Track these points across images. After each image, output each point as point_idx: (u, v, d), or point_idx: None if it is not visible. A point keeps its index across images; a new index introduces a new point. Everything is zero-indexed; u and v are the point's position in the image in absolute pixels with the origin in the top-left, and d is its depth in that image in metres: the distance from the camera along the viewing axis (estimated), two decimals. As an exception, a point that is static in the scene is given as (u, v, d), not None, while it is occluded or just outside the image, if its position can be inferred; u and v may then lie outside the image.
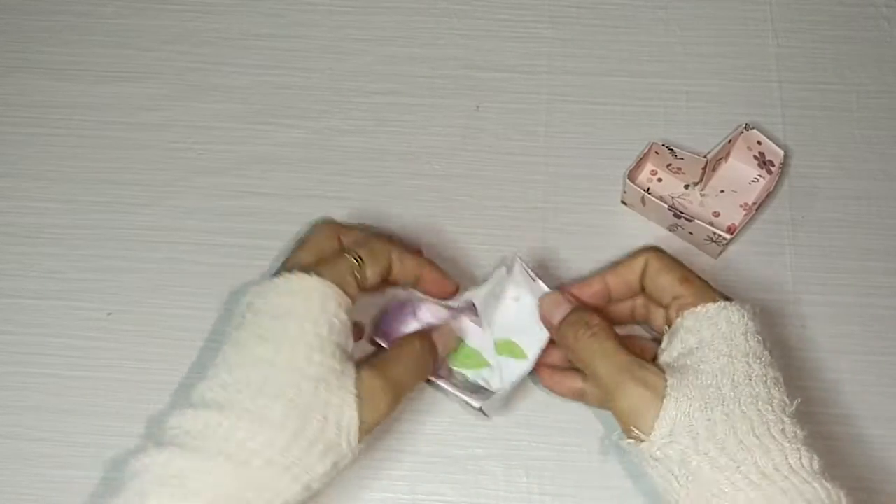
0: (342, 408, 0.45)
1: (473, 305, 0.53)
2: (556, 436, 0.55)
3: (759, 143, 0.59)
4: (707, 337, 0.47)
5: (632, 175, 0.59)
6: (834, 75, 0.65)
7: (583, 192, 0.62)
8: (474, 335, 0.55)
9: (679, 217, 0.57)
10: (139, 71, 0.66)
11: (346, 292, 0.48)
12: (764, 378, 0.46)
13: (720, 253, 0.59)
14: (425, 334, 0.52)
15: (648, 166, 0.62)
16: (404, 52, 0.66)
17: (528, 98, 0.65)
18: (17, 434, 0.55)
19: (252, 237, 0.60)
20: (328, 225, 0.54)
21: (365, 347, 0.56)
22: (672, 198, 0.61)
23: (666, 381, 0.46)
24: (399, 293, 0.56)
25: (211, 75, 0.66)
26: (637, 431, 0.45)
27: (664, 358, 0.49)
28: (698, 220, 0.56)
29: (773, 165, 0.59)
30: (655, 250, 0.52)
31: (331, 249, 0.51)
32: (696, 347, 0.47)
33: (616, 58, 0.66)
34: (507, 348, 0.54)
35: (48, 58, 0.66)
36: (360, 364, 0.48)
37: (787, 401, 0.46)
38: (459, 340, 0.55)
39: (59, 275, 0.59)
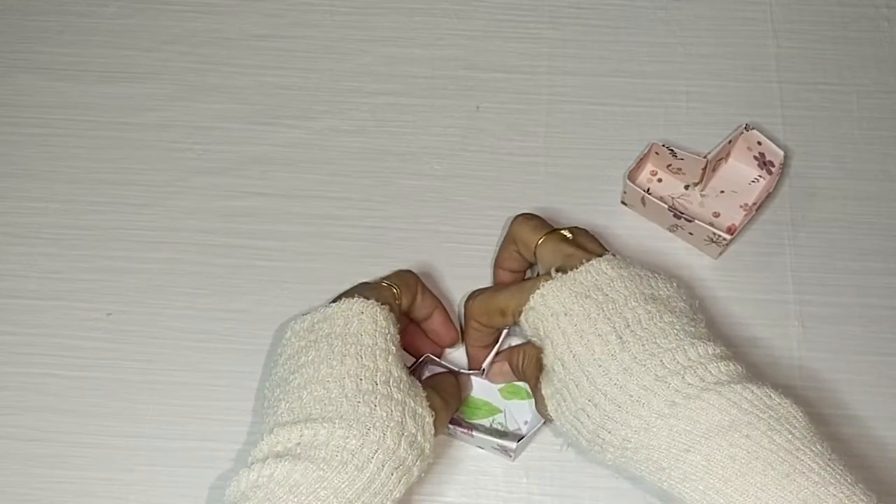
0: (424, 416, 0.47)
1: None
2: (557, 436, 0.55)
3: (759, 143, 0.59)
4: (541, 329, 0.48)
5: (632, 175, 0.59)
6: (834, 75, 0.65)
7: (583, 192, 0.62)
8: (479, 388, 0.56)
9: (679, 217, 0.57)
10: (139, 71, 0.66)
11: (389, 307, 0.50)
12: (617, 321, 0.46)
13: (720, 253, 0.59)
14: (454, 373, 0.54)
15: (648, 167, 0.62)
16: (404, 52, 0.66)
17: (528, 98, 0.65)
18: (17, 434, 0.55)
19: (252, 237, 0.60)
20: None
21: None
22: (672, 198, 0.61)
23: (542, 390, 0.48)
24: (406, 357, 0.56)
25: (211, 75, 0.66)
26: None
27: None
28: (698, 220, 0.56)
29: (773, 166, 0.59)
30: (517, 221, 0.53)
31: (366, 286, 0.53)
32: (543, 342, 0.48)
33: (616, 58, 0.66)
34: (512, 391, 0.56)
35: (48, 58, 0.66)
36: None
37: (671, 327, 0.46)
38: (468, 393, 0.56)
39: (59, 275, 0.59)
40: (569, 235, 0.51)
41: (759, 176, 0.61)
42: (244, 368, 0.57)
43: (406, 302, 0.52)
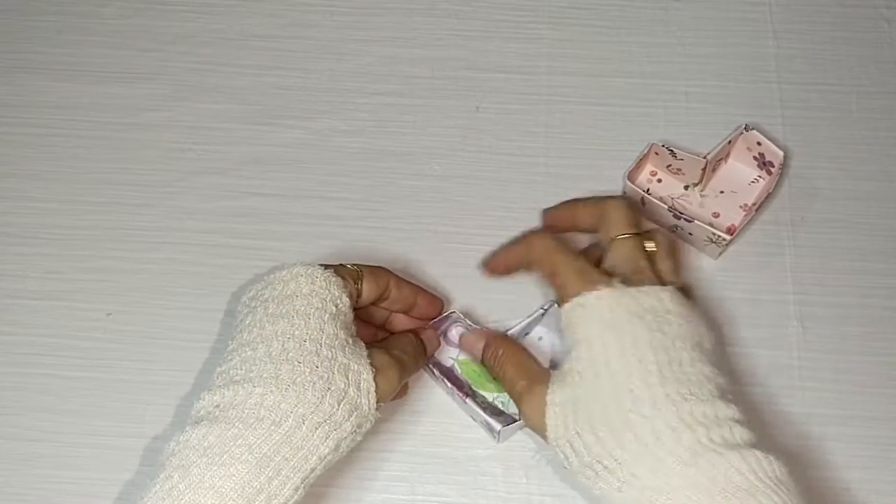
0: (360, 373, 0.46)
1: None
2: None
3: (758, 143, 0.59)
4: (582, 333, 0.47)
5: (631, 176, 0.59)
6: (834, 76, 0.65)
7: (582, 192, 0.61)
8: None
9: (679, 218, 0.57)
10: (139, 71, 0.66)
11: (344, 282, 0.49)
12: (654, 362, 0.45)
13: (720, 254, 0.59)
14: (415, 332, 0.53)
15: (648, 167, 0.62)
16: (404, 52, 0.66)
17: (528, 98, 0.65)
18: (17, 434, 0.55)
19: (252, 237, 0.60)
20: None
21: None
22: (672, 198, 0.61)
23: (546, 395, 0.47)
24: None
25: (211, 75, 0.66)
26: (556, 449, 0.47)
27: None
28: (698, 220, 0.56)
29: (773, 166, 0.59)
30: (616, 205, 0.53)
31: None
32: (574, 343, 0.47)
33: (616, 58, 0.66)
34: None
35: (48, 58, 0.66)
36: (367, 343, 0.49)
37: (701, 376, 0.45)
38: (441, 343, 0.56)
39: (59, 275, 0.59)
40: (652, 247, 0.51)
41: (759, 176, 0.61)
42: (244, 368, 0.57)
43: (369, 289, 0.50)
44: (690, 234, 0.58)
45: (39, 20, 0.68)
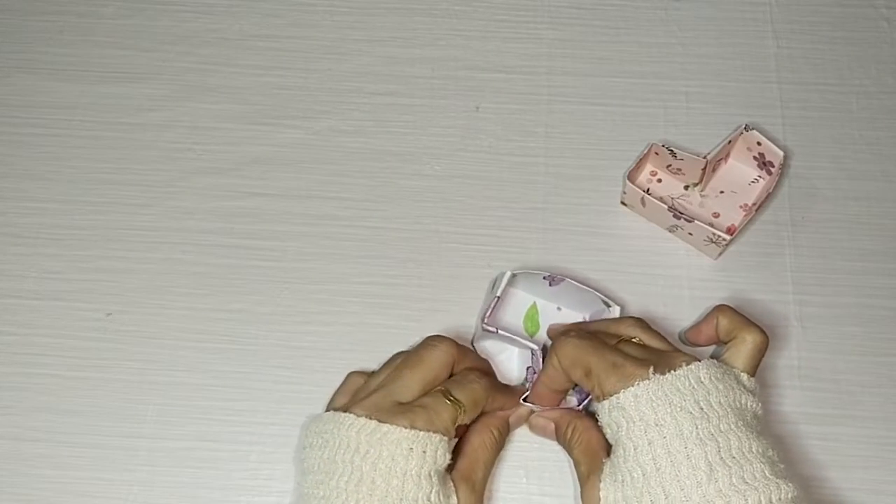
0: None
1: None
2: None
3: (758, 143, 0.59)
4: (624, 422, 0.45)
5: (631, 176, 0.59)
6: (834, 76, 0.65)
7: (583, 192, 0.62)
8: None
9: (679, 218, 0.57)
10: (139, 71, 0.66)
11: (448, 438, 0.47)
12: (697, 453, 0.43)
13: (720, 254, 0.59)
14: (502, 419, 0.52)
15: (648, 167, 0.62)
16: (404, 52, 0.66)
17: (528, 98, 0.65)
18: (16, 434, 0.55)
19: (252, 237, 0.60)
20: (449, 351, 0.50)
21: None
22: (672, 199, 0.61)
23: (600, 490, 0.46)
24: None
25: (211, 76, 0.66)
26: None
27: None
28: (698, 220, 0.56)
29: (773, 166, 0.59)
30: (723, 311, 0.51)
31: (439, 380, 0.50)
32: (618, 442, 0.46)
33: (616, 58, 0.66)
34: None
35: (48, 58, 0.66)
36: (454, 476, 0.48)
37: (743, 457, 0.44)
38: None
39: (59, 275, 0.59)
40: (636, 340, 0.50)
41: (759, 176, 0.61)
42: (244, 368, 0.57)
43: (469, 419, 0.49)
44: (690, 234, 0.58)
45: (40, 20, 0.68)
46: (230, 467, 0.54)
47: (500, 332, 0.53)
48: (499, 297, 0.55)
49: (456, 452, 0.49)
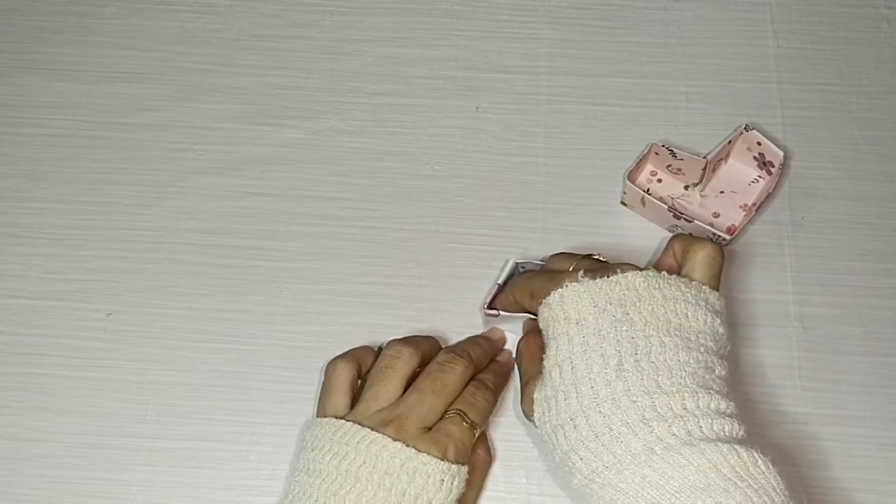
0: None
1: None
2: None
3: (758, 143, 0.59)
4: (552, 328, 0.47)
5: (631, 176, 0.59)
6: (834, 76, 0.65)
7: (582, 192, 0.62)
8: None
9: (679, 218, 0.57)
10: (139, 71, 0.66)
11: (466, 463, 0.49)
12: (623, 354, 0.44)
13: (720, 253, 0.59)
14: (484, 439, 0.53)
15: (648, 167, 0.62)
16: (404, 52, 0.66)
17: (528, 99, 0.65)
18: (16, 434, 0.55)
19: (252, 237, 0.60)
20: (465, 374, 0.51)
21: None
22: (672, 199, 0.61)
23: (534, 392, 0.47)
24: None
25: (211, 76, 0.66)
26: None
27: None
28: (698, 220, 0.56)
29: (773, 166, 0.59)
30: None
31: (455, 394, 0.50)
32: (547, 342, 0.47)
33: (616, 58, 0.66)
34: None
35: (48, 58, 0.66)
36: None
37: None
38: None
39: (59, 275, 0.59)
40: (602, 259, 0.51)
41: (759, 176, 0.61)
42: (244, 368, 0.57)
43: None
44: (690, 234, 0.58)
45: (40, 20, 0.68)
46: (230, 467, 0.54)
47: (501, 313, 0.54)
48: (500, 285, 0.55)
49: None
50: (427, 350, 0.52)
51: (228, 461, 0.54)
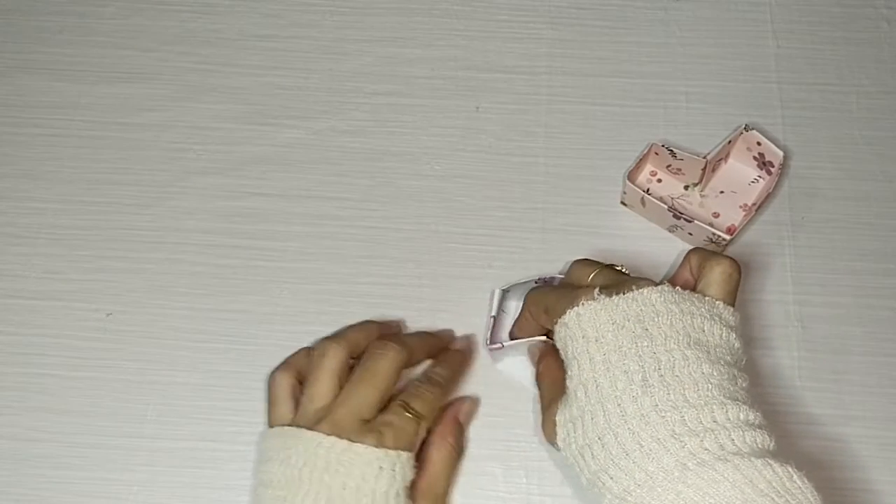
0: None
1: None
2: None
3: (758, 143, 0.59)
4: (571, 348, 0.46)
5: (631, 176, 0.59)
6: (833, 76, 0.65)
7: (582, 192, 0.62)
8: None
9: (679, 218, 0.57)
10: (139, 71, 0.66)
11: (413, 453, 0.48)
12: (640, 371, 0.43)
13: (720, 253, 0.59)
14: (455, 426, 0.53)
15: (648, 167, 0.62)
16: (404, 52, 0.66)
17: (528, 99, 0.65)
18: (16, 434, 0.55)
19: (252, 237, 0.60)
20: (398, 358, 0.50)
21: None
22: (672, 199, 0.61)
23: (556, 415, 0.46)
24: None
25: (211, 76, 0.66)
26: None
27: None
28: (698, 221, 0.56)
29: (773, 166, 0.59)
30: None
31: (393, 387, 0.50)
32: (568, 362, 0.46)
33: (616, 58, 0.66)
34: None
35: (48, 58, 0.66)
36: (416, 493, 0.49)
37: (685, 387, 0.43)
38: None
39: (59, 275, 0.59)
40: (624, 270, 0.50)
41: (759, 176, 0.61)
42: (244, 368, 0.57)
43: (427, 428, 0.50)
44: (690, 234, 0.58)
45: (40, 20, 0.68)
46: (230, 467, 0.54)
47: (505, 345, 0.54)
48: (494, 317, 0.55)
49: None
50: (359, 338, 0.52)
51: (228, 461, 0.54)
